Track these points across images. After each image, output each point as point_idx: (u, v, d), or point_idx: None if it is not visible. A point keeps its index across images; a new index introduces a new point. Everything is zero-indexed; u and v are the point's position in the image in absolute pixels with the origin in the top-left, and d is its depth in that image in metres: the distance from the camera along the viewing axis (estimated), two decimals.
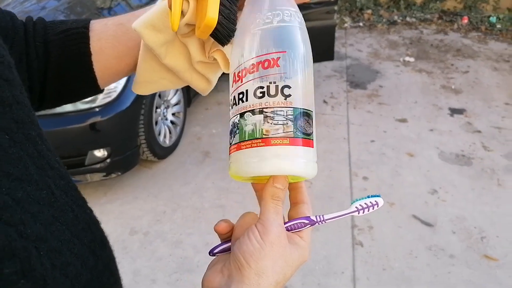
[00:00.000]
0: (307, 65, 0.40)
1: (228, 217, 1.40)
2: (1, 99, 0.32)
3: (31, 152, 0.33)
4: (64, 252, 0.31)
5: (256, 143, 0.37)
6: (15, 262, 0.26)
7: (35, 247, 0.28)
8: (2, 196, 0.27)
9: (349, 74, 3.94)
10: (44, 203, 0.32)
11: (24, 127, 0.33)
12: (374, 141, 2.85)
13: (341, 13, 5.68)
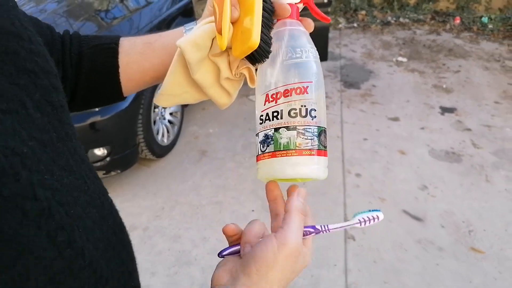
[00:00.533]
0: (323, 90, 0.49)
1: (224, 213, 1.54)
2: (52, 103, 0.38)
3: (70, 147, 0.40)
4: (95, 231, 0.38)
5: (290, 153, 0.45)
6: (63, 234, 0.33)
7: (76, 224, 0.35)
8: (55, 182, 0.34)
9: (343, 74, 4.02)
10: (81, 190, 0.38)
11: (64, 126, 0.40)
12: (367, 139, 2.92)
13: (335, 14, 5.77)
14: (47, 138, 0.36)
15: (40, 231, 0.31)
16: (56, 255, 0.32)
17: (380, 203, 2.31)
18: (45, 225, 0.31)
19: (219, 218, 2.19)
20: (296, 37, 0.49)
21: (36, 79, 0.37)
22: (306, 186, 2.40)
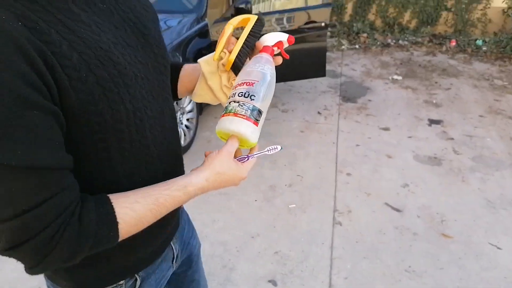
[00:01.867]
0: (268, 89, 0.76)
1: (230, 202, 2.12)
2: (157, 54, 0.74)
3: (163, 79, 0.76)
4: (161, 128, 0.74)
5: (231, 115, 0.72)
6: (138, 119, 0.68)
7: (151, 116, 0.71)
8: (142, 93, 0.68)
9: (342, 90, 4.43)
10: (163, 102, 0.75)
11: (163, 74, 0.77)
12: (359, 145, 3.30)
13: (339, 37, 6.22)
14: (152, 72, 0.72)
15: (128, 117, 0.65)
16: (131, 134, 0.66)
17: (366, 197, 2.67)
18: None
19: (226, 205, 2.56)
20: (260, 60, 0.78)
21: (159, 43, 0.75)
22: (303, 181, 2.77)
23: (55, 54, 0.53)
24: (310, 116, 3.79)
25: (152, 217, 0.65)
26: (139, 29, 0.70)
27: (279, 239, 2.30)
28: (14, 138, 0.50)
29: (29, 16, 0.53)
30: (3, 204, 0.51)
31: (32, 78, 0.50)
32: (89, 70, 0.57)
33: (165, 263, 0.88)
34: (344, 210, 2.54)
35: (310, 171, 2.93)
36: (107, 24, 0.63)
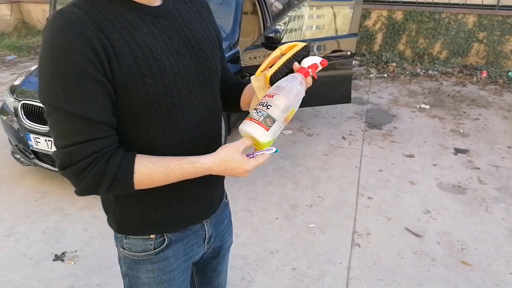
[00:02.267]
0: (288, 105, 0.88)
1: (253, 219, 2.29)
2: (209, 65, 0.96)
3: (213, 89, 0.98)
4: (195, 118, 0.91)
5: (248, 119, 0.87)
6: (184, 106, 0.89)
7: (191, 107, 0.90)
8: (178, 86, 0.86)
9: (368, 116, 4.50)
10: (201, 98, 0.93)
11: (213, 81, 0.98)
12: (382, 170, 3.34)
13: (367, 65, 6.33)
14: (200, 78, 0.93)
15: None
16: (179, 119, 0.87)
17: (386, 221, 2.71)
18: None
19: (248, 221, 2.67)
20: (292, 78, 0.92)
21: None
22: (324, 202, 2.85)
23: (113, 47, 0.77)
24: (335, 141, 3.88)
25: (163, 177, 0.83)
26: (192, 44, 0.92)
27: (297, 257, 2.38)
28: (75, 95, 0.75)
29: (101, 20, 0.78)
30: (60, 137, 0.77)
31: (93, 60, 0.74)
32: (134, 60, 0.80)
33: (195, 238, 1.05)
34: (363, 233, 2.59)
35: (331, 193, 3.01)
36: (162, 35, 0.86)
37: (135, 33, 0.81)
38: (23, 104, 2.76)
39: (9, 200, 2.86)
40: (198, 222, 1.05)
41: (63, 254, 2.34)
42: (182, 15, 0.93)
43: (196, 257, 1.10)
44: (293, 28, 3.82)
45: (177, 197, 0.96)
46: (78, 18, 0.75)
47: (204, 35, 0.96)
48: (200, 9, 1.00)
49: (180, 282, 1.06)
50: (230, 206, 1.26)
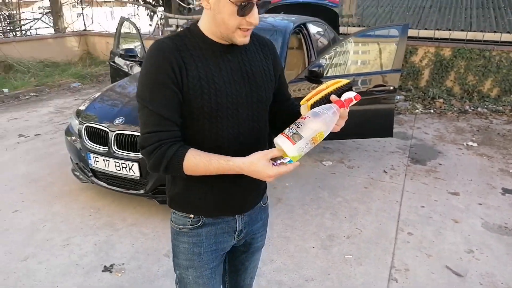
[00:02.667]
0: (317, 128, 1.01)
1: (289, 246, 2.44)
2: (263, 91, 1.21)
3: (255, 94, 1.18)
4: (237, 131, 1.14)
5: (281, 134, 1.03)
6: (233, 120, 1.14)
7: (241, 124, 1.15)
8: (228, 105, 1.11)
9: (411, 152, 4.46)
10: (247, 117, 1.16)
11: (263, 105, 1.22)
12: (424, 207, 3.29)
13: (413, 101, 6.29)
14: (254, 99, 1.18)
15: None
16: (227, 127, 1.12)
17: (426, 258, 2.65)
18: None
19: (285, 248, 2.73)
20: (327, 107, 1.06)
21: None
22: (362, 234, 2.86)
23: (186, 69, 1.06)
24: (375, 174, 3.87)
25: (204, 167, 1.06)
26: (248, 75, 1.16)
27: (332, 286, 2.39)
28: (155, 98, 1.05)
29: (183, 49, 1.08)
30: (142, 126, 1.08)
31: (171, 75, 1.04)
32: (199, 80, 1.07)
33: (226, 227, 1.27)
34: (402, 268, 2.56)
35: (370, 226, 3.00)
36: (225, 65, 1.13)
37: (205, 61, 1.10)
38: (86, 127, 3.07)
39: (66, 213, 3.12)
40: (229, 215, 1.26)
41: (112, 266, 2.52)
42: (247, 53, 1.19)
43: (226, 246, 1.31)
44: (338, 62, 3.95)
45: (212, 191, 1.20)
46: (167, 46, 1.07)
47: (261, 70, 1.20)
48: (265, 50, 1.25)
49: (208, 260, 1.27)
50: (267, 232, 1.42)
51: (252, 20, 1.05)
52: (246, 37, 1.10)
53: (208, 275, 1.29)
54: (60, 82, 7.41)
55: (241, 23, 1.05)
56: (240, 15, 1.03)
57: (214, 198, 1.21)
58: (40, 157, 4.16)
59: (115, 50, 5.17)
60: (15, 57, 7.77)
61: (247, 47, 1.18)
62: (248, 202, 1.29)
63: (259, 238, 1.42)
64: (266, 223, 1.44)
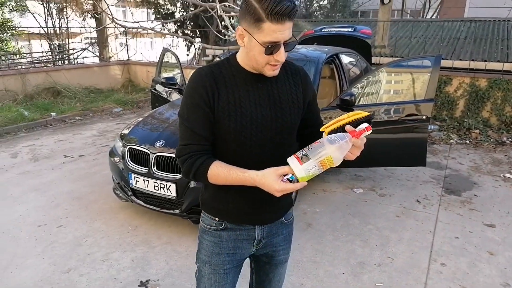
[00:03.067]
0: (325, 152, 1.10)
1: (319, 271, 2.56)
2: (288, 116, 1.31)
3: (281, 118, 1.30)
4: (260, 150, 1.27)
5: (293, 154, 1.12)
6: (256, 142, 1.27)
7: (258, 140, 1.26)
8: (252, 127, 1.24)
9: (446, 182, 4.39)
10: (270, 138, 1.28)
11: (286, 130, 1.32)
12: (458, 238, 3.22)
13: (448, 131, 6.20)
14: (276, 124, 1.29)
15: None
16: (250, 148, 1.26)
17: None
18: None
19: (315, 272, 2.75)
20: (340, 136, 1.12)
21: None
22: (393, 263, 2.84)
23: (219, 94, 1.22)
24: (408, 203, 3.84)
25: (224, 177, 1.21)
26: (275, 101, 1.29)
27: None
28: (191, 117, 1.23)
29: (218, 76, 1.24)
30: (180, 139, 1.27)
31: (205, 99, 1.21)
32: (227, 104, 1.23)
33: (246, 235, 1.39)
34: None
35: (401, 255, 2.97)
36: (254, 92, 1.26)
37: (236, 88, 1.25)
38: (129, 149, 3.28)
39: (106, 229, 3.30)
40: (249, 224, 1.38)
41: (147, 282, 2.63)
42: (277, 81, 1.31)
43: (245, 252, 1.42)
44: (370, 91, 4.03)
45: (234, 202, 1.33)
46: (204, 73, 1.24)
47: (288, 97, 1.31)
48: (296, 78, 1.36)
49: (225, 261, 1.40)
50: (297, 255, 1.49)
51: (279, 58, 1.17)
52: (274, 70, 1.23)
53: (221, 274, 1.41)
54: (103, 107, 7.88)
55: (270, 60, 1.18)
56: (267, 54, 1.16)
57: (236, 208, 1.34)
58: (83, 177, 4.43)
59: (156, 78, 5.48)
60: (63, 83, 8.36)
61: (278, 75, 1.29)
62: (267, 216, 1.39)
63: (281, 251, 1.49)
64: (288, 238, 1.51)
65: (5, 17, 10.20)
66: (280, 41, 1.15)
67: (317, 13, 17.16)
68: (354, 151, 1.17)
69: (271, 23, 1.11)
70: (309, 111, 1.39)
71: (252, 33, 1.14)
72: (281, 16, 1.10)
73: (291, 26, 1.16)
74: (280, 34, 1.13)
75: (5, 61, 9.61)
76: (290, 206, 1.50)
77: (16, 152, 5.31)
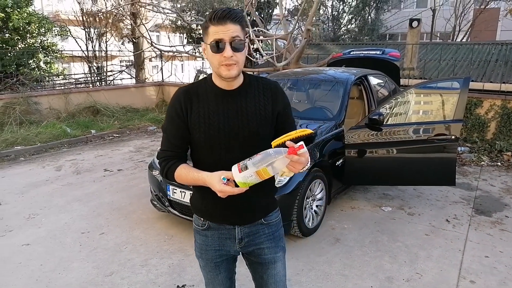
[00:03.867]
0: (262, 163, 1.22)
1: (348, 284, 2.95)
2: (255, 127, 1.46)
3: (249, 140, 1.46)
4: (230, 159, 1.36)
5: (238, 163, 1.27)
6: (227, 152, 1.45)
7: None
8: (221, 137, 1.43)
9: (476, 203, 4.37)
10: (239, 147, 1.44)
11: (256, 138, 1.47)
12: (488, 257, 3.22)
13: (478, 152, 6.15)
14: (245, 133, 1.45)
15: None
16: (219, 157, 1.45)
17: None
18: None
19: (343, 285, 2.83)
20: (276, 150, 1.22)
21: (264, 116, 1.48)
22: (422, 279, 2.89)
23: (192, 108, 1.42)
24: (437, 222, 3.86)
25: (185, 177, 1.41)
26: (243, 113, 1.43)
27: None
28: (168, 127, 1.47)
29: (193, 92, 1.45)
30: (160, 145, 1.51)
31: (179, 113, 1.43)
32: (198, 116, 1.42)
33: (228, 234, 1.54)
34: None
35: (430, 272, 3.01)
36: (223, 105, 1.43)
37: (206, 102, 1.43)
38: None
39: (145, 238, 3.50)
40: (227, 224, 1.53)
41: (183, 286, 2.79)
42: (247, 95, 1.46)
43: (231, 250, 1.57)
44: (399, 112, 4.13)
45: (213, 204, 1.47)
46: (182, 91, 1.46)
47: (256, 108, 1.46)
48: (266, 91, 1.50)
49: (213, 256, 1.57)
50: (326, 268, 1.63)
51: (225, 54, 1.32)
52: (230, 71, 1.35)
53: (213, 266, 1.60)
54: (139, 125, 8.29)
55: (221, 60, 1.33)
56: (213, 52, 1.33)
57: (214, 209, 1.50)
58: (122, 189, 4.70)
59: None
60: (103, 103, 8.86)
61: (249, 91, 1.46)
62: (243, 217, 1.53)
63: (266, 250, 1.59)
64: (272, 237, 1.60)
65: (50, 41, 10.95)
66: (223, 39, 1.31)
67: (344, 36, 17.39)
68: (295, 165, 1.24)
69: (213, 25, 1.32)
70: (282, 121, 1.51)
71: (205, 41, 1.37)
72: (220, 18, 1.30)
73: (237, 29, 1.33)
74: (223, 33, 1.31)
75: (50, 81, 10.29)
76: (270, 209, 1.60)
77: (60, 166, 5.68)
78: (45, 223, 3.80)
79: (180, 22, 13.85)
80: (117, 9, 11.16)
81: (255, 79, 1.52)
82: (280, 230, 1.65)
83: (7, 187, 4.77)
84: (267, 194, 1.60)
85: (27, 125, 7.22)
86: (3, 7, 9.25)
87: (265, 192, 1.55)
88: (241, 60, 1.37)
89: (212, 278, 1.63)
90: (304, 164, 1.25)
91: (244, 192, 1.29)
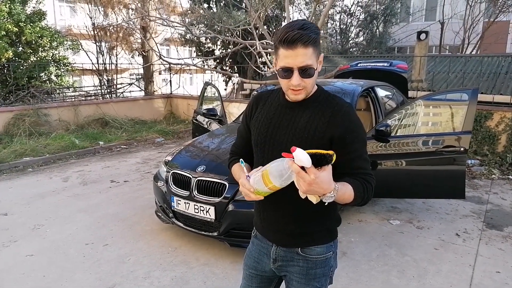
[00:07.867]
0: (264, 167, 1.23)
1: None
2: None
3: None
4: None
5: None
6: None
7: None
8: (266, 140, 1.46)
9: (487, 216, 4.26)
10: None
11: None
12: (500, 272, 3.12)
13: (489, 165, 6.04)
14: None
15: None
16: None
17: None
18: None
19: None
20: (282, 159, 1.15)
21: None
22: None
23: (256, 112, 1.52)
24: (447, 236, 3.76)
25: (233, 172, 1.56)
26: (294, 125, 1.38)
27: None
28: (240, 125, 1.64)
29: (262, 99, 1.54)
30: None
31: (247, 114, 1.57)
32: (256, 121, 1.49)
33: (265, 249, 1.53)
34: None
35: (440, 287, 2.92)
36: (280, 116, 1.43)
37: (268, 109, 1.48)
38: (173, 173, 3.50)
39: (148, 249, 3.47)
40: (267, 238, 1.52)
41: None
42: (306, 110, 1.39)
43: (265, 267, 1.54)
44: (406, 123, 4.08)
45: (258, 216, 1.54)
46: (255, 95, 1.58)
47: (306, 127, 1.35)
48: (326, 110, 1.35)
49: (250, 264, 1.59)
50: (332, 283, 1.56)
51: (292, 82, 1.29)
52: (296, 95, 1.34)
53: (248, 275, 1.61)
54: (146, 137, 8.33)
55: (289, 85, 1.31)
56: (281, 77, 1.31)
57: (258, 217, 1.56)
58: (127, 200, 4.69)
59: (198, 109, 5.81)
60: (111, 115, 8.94)
61: (312, 106, 1.38)
62: (276, 238, 1.49)
63: (294, 282, 1.46)
64: (305, 274, 1.44)
65: (61, 55, 11.14)
66: (292, 67, 1.26)
67: (353, 49, 17.42)
68: (300, 183, 1.12)
69: (283, 49, 1.25)
70: (338, 149, 1.24)
71: (275, 60, 1.34)
72: (290, 43, 1.22)
73: (308, 54, 1.23)
74: (292, 60, 1.24)
75: (60, 94, 10.43)
76: (311, 242, 1.44)
77: (67, 177, 5.71)
78: (49, 233, 3.80)
79: (189, 36, 14.03)
80: (128, 23, 11.34)
81: (326, 96, 1.40)
82: (319, 269, 1.45)
83: (14, 198, 4.80)
84: (296, 220, 1.43)
85: (36, 136, 7.30)
86: (16, 22, 9.46)
87: (294, 218, 1.42)
88: (310, 84, 1.32)
89: (244, 286, 1.65)
90: (309, 186, 1.10)
91: (276, 211, 1.44)
